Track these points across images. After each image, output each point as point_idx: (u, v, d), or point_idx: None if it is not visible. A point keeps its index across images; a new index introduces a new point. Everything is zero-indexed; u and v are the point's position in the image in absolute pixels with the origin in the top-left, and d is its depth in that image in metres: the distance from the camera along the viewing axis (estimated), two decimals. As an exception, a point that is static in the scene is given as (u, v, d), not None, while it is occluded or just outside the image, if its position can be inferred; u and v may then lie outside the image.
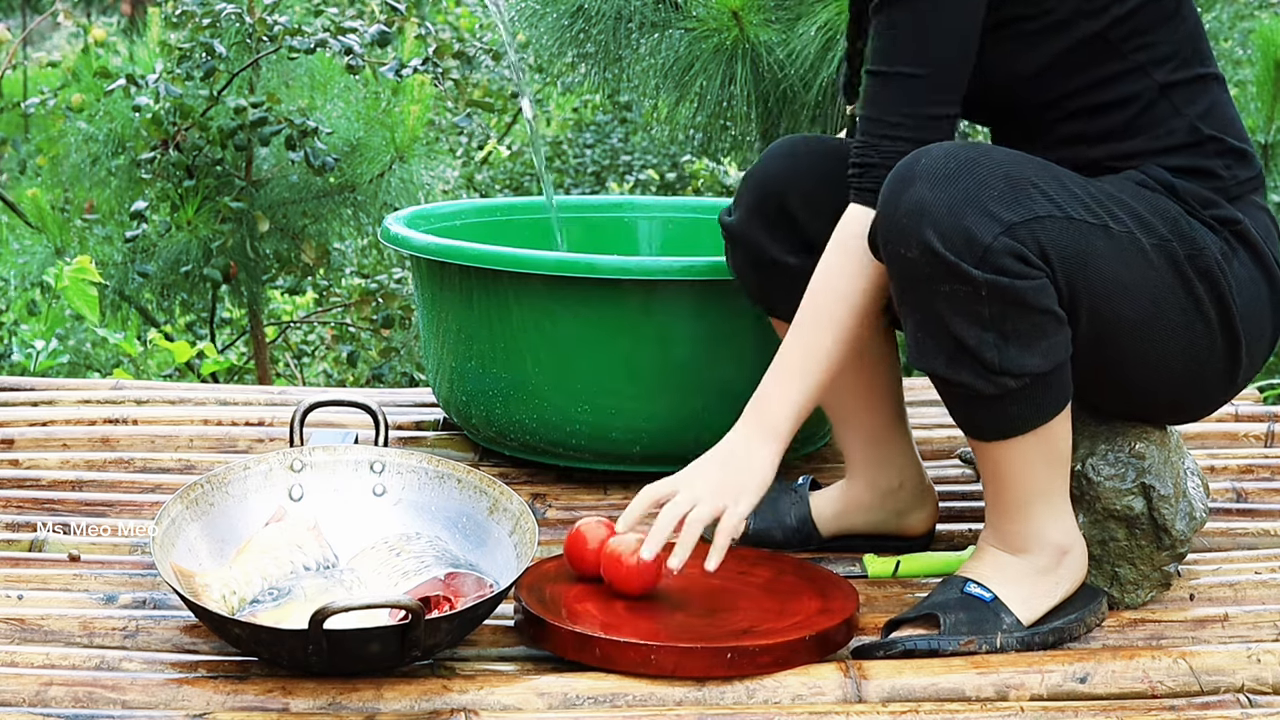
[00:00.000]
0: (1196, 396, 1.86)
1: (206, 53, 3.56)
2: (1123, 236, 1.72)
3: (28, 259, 3.79)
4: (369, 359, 4.41)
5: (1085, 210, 1.71)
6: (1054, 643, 1.78)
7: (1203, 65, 1.84)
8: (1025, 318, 1.67)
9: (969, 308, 1.66)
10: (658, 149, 6.07)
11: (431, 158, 3.84)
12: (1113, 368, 1.78)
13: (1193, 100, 1.82)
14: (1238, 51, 5.04)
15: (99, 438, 2.46)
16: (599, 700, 1.66)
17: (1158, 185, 1.79)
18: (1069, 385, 1.74)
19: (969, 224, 1.65)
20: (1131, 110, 1.81)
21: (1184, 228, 1.76)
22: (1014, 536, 1.80)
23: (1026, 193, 1.68)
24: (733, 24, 2.91)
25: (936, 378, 1.73)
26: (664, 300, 2.19)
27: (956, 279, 1.65)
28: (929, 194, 1.66)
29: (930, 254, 1.65)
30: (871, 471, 2.08)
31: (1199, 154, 1.81)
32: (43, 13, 6.65)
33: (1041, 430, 1.73)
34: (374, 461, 1.98)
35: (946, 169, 1.67)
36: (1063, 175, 1.73)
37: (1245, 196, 1.83)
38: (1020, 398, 1.70)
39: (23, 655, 1.69)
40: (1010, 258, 1.65)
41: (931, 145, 1.71)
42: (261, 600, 1.76)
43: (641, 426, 2.25)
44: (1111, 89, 1.81)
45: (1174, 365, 1.78)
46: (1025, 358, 1.68)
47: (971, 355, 1.68)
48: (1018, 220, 1.66)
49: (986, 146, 1.72)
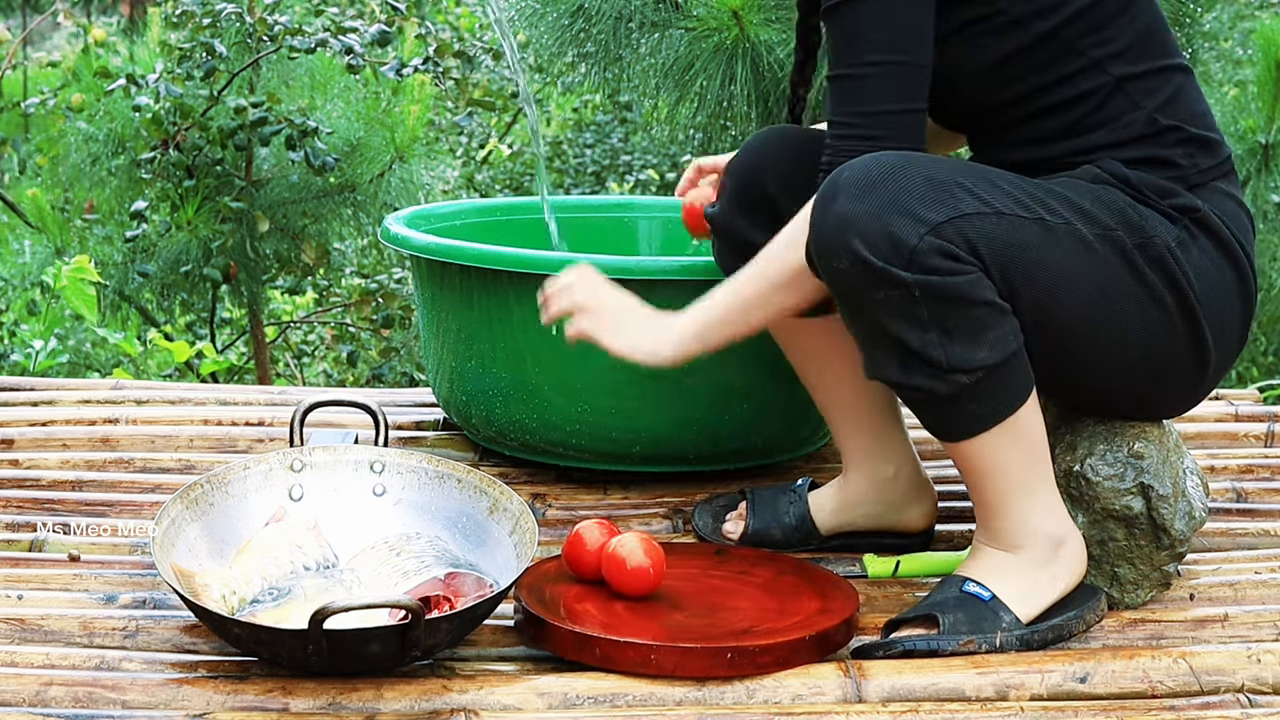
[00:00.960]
0: (1167, 385, 1.85)
1: (206, 53, 3.56)
2: (1059, 228, 1.73)
3: (28, 259, 3.79)
4: (369, 359, 4.41)
5: (1017, 205, 1.72)
6: (1053, 640, 1.78)
7: (1165, 56, 1.84)
8: (964, 312, 1.68)
9: (906, 311, 1.68)
10: (658, 149, 6.07)
11: (431, 158, 3.84)
12: (1068, 359, 1.78)
13: (1152, 92, 1.82)
14: (1238, 51, 5.03)
15: (99, 438, 2.46)
16: (599, 700, 1.66)
17: (1111, 178, 1.80)
18: (1029, 376, 1.75)
19: (893, 228, 1.66)
20: (1089, 105, 1.82)
21: (1131, 217, 1.76)
22: (1004, 533, 1.80)
23: (950, 193, 1.69)
24: (733, 24, 2.91)
25: (893, 385, 1.75)
26: (664, 300, 2.18)
27: (889, 284, 1.67)
28: (852, 205, 1.68)
29: (860, 262, 1.67)
30: (867, 463, 2.09)
31: (1156, 144, 1.82)
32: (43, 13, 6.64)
33: (1007, 423, 1.74)
34: (374, 461, 1.98)
35: (868, 178, 1.68)
36: (994, 174, 1.74)
37: (1209, 184, 1.84)
38: (978, 394, 1.71)
39: (23, 655, 1.69)
40: (938, 256, 1.66)
41: (853, 160, 1.72)
42: (261, 600, 1.76)
43: (641, 426, 2.25)
44: (1068, 86, 1.82)
45: (1132, 354, 1.79)
46: (973, 352, 1.69)
47: (919, 357, 1.69)
48: (942, 219, 1.67)
49: (911, 155, 1.72)
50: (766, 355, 2.14)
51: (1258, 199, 3.58)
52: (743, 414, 2.26)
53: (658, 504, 2.26)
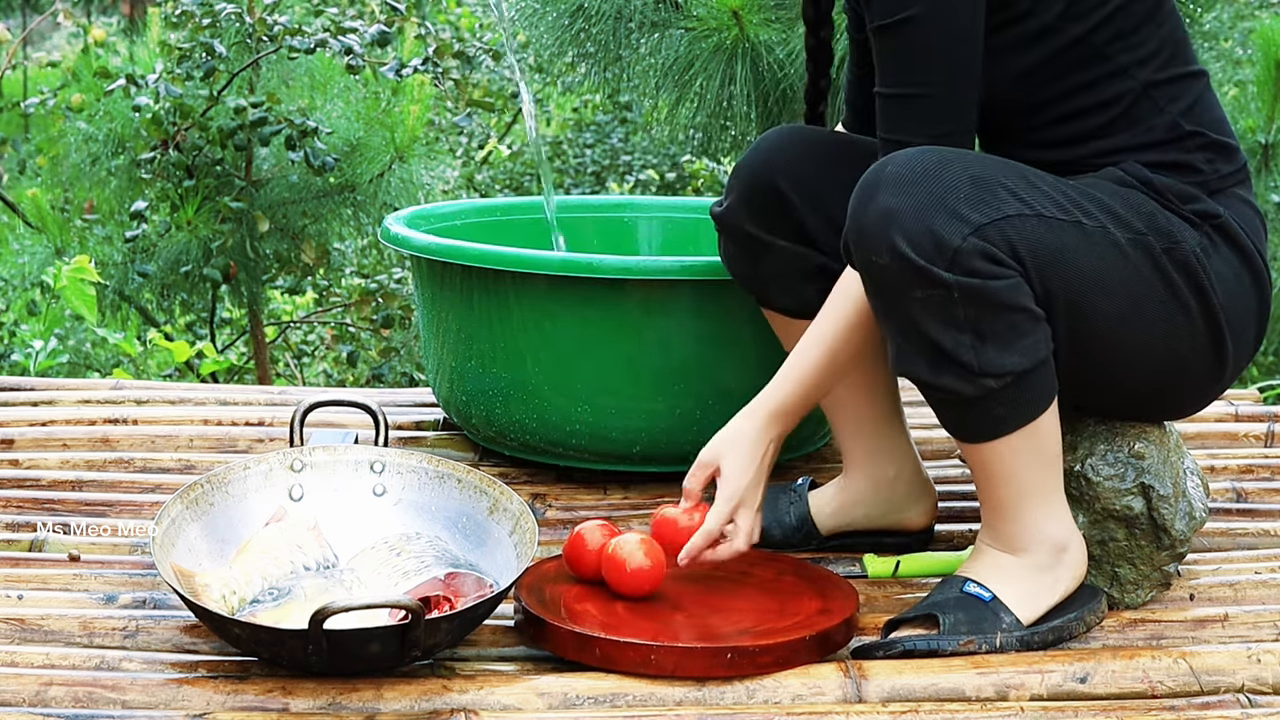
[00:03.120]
0: (1185, 389, 1.86)
1: (206, 53, 3.56)
2: (1096, 231, 1.73)
3: (28, 259, 3.79)
4: (369, 359, 4.41)
5: (1056, 207, 1.72)
6: (1053, 641, 1.78)
7: (1185, 63, 1.85)
8: (1001, 317, 1.68)
9: (944, 311, 1.67)
10: (658, 149, 6.07)
11: (431, 158, 3.84)
12: (1096, 362, 1.78)
13: (1175, 98, 1.83)
14: (1238, 51, 5.03)
15: (99, 438, 2.46)
16: (599, 700, 1.66)
17: (1135, 181, 1.80)
18: (1053, 382, 1.75)
19: (937, 227, 1.65)
20: (1115, 110, 1.82)
21: (1160, 222, 1.77)
22: (1010, 536, 1.80)
23: (994, 193, 1.68)
24: (733, 24, 2.91)
25: (919, 383, 1.74)
26: (664, 300, 2.19)
27: (929, 283, 1.66)
28: (895, 200, 1.67)
29: (901, 260, 1.66)
30: (868, 463, 2.09)
31: (1179, 149, 1.82)
32: (43, 13, 6.65)
33: (1029, 428, 1.74)
34: (374, 461, 1.98)
35: (911, 174, 1.68)
36: (1031, 174, 1.74)
37: (1228, 190, 1.84)
38: (1004, 398, 1.71)
39: (23, 655, 1.69)
40: (981, 258, 1.66)
41: (897, 152, 1.72)
42: (261, 600, 1.76)
43: (641, 426, 2.25)
44: (1096, 91, 1.82)
45: (1158, 358, 1.79)
46: (1004, 357, 1.69)
47: (951, 359, 1.69)
48: (986, 221, 1.67)
49: (952, 151, 1.72)
50: (766, 356, 2.14)
51: (1258, 199, 3.58)
52: (743, 414, 2.26)
53: (658, 504, 2.25)
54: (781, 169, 1.98)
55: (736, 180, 2.02)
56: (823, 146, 1.99)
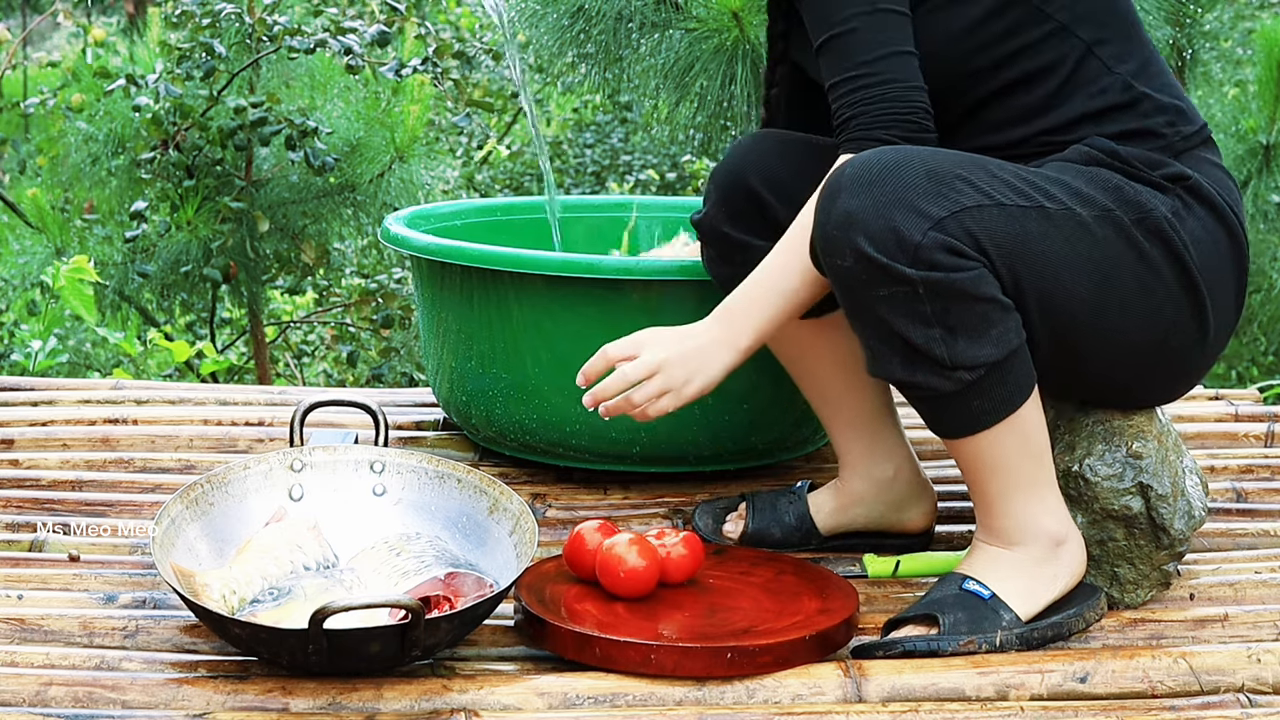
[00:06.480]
0: (1172, 363, 1.84)
1: (206, 53, 3.56)
2: (1060, 214, 1.73)
3: (28, 259, 3.79)
4: (369, 359, 4.41)
5: (1017, 195, 1.72)
6: (1053, 638, 1.78)
7: (1129, 27, 1.87)
8: (969, 309, 1.68)
9: (911, 307, 1.68)
10: (658, 149, 6.07)
11: (431, 158, 3.84)
12: (1071, 347, 1.78)
13: (1121, 58, 1.84)
14: (1238, 51, 5.03)
15: (99, 438, 2.46)
16: (599, 700, 1.66)
17: (1102, 154, 1.81)
18: (1030, 373, 1.75)
19: (897, 224, 1.67)
20: (1063, 72, 1.83)
21: (1128, 194, 1.77)
22: (1003, 531, 1.80)
23: (952, 186, 1.69)
24: (733, 24, 2.91)
25: (896, 382, 1.75)
26: (664, 300, 2.19)
27: (893, 280, 1.67)
28: (855, 202, 1.68)
29: (864, 259, 1.68)
30: (865, 463, 2.09)
31: (1137, 114, 1.83)
32: (43, 13, 6.65)
33: (1010, 421, 1.74)
34: (374, 461, 1.98)
35: (869, 174, 1.69)
36: (992, 165, 1.75)
37: (1192, 151, 1.85)
38: (981, 390, 1.71)
39: (23, 655, 1.69)
40: (943, 252, 1.67)
41: (856, 155, 1.73)
42: (261, 600, 1.76)
43: (641, 426, 2.25)
44: (1039, 53, 1.83)
45: (1134, 334, 1.79)
46: (976, 349, 1.69)
47: (923, 355, 1.70)
48: (945, 214, 1.68)
49: (910, 149, 1.73)
50: (766, 356, 2.14)
51: (1258, 199, 3.58)
52: (742, 415, 2.26)
53: (658, 504, 2.26)
54: (755, 170, 2.00)
55: (713, 186, 2.04)
56: (794, 146, 2.02)
